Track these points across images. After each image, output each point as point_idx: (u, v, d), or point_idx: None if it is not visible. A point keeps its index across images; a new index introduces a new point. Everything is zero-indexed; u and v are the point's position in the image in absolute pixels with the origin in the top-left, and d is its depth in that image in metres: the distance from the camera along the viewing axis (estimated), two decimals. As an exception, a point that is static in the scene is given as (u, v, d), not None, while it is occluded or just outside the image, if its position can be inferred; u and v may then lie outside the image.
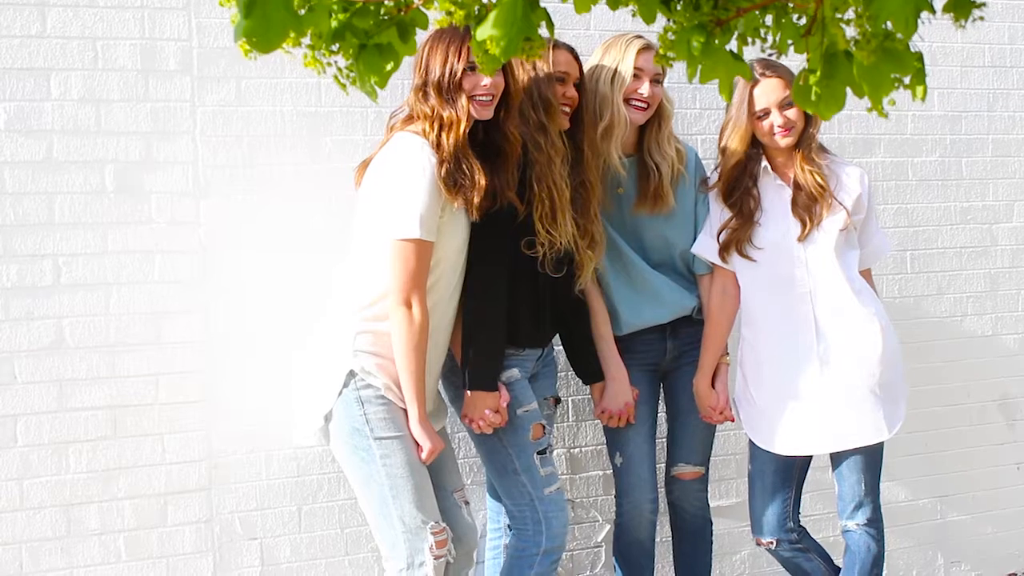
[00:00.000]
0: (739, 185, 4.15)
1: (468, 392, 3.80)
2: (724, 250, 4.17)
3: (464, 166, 3.59)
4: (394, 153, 3.65)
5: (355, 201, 3.79)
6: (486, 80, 3.60)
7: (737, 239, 4.15)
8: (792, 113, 4.06)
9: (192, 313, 4.10)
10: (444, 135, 3.60)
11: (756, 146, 4.15)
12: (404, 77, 4.22)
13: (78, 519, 4.01)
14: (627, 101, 4.08)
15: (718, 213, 4.20)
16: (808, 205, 4.10)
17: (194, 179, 4.10)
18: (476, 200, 3.60)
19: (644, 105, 4.10)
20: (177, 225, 4.08)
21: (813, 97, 2.05)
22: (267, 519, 4.23)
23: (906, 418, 4.27)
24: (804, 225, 4.10)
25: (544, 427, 3.96)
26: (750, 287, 4.21)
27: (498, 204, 3.69)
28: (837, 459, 4.21)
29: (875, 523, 4.21)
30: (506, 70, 3.69)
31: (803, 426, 4.15)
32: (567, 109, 3.96)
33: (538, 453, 3.90)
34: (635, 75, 4.07)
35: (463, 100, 3.61)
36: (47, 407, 3.96)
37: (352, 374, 3.62)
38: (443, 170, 3.57)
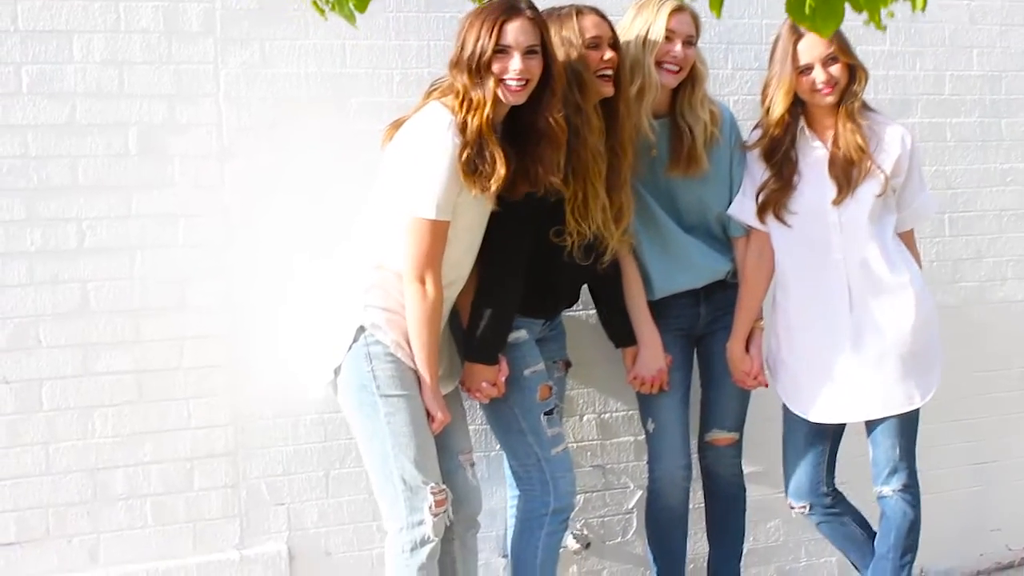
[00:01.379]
0: (780, 145, 4.07)
1: (467, 362, 3.81)
2: (762, 211, 4.09)
3: (486, 152, 3.53)
4: (423, 124, 3.61)
5: (380, 162, 3.74)
6: (516, 64, 3.54)
7: (775, 201, 4.07)
8: (836, 69, 3.97)
9: (217, 277, 4.08)
10: (470, 117, 3.54)
11: (797, 105, 4.06)
12: (429, 39, 4.23)
13: (104, 483, 4.00)
14: (659, 64, 4.00)
15: (758, 173, 4.12)
16: (846, 168, 4.01)
17: (218, 142, 4.07)
18: (493, 188, 3.55)
19: (676, 68, 4.03)
20: (201, 188, 4.05)
21: (807, 11, 1.96)
22: (294, 484, 4.21)
23: (944, 384, 4.20)
24: (840, 189, 4.01)
25: (551, 388, 3.94)
26: (784, 251, 4.14)
27: (540, 190, 3.65)
28: (871, 425, 4.15)
29: (911, 489, 4.15)
30: (545, 53, 3.61)
31: (834, 393, 4.10)
32: (608, 73, 3.88)
33: (545, 414, 3.89)
34: (667, 37, 3.99)
35: (491, 82, 3.54)
36: (72, 371, 3.94)
37: (362, 329, 3.61)
38: (464, 155, 3.52)
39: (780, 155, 4.07)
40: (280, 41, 4.13)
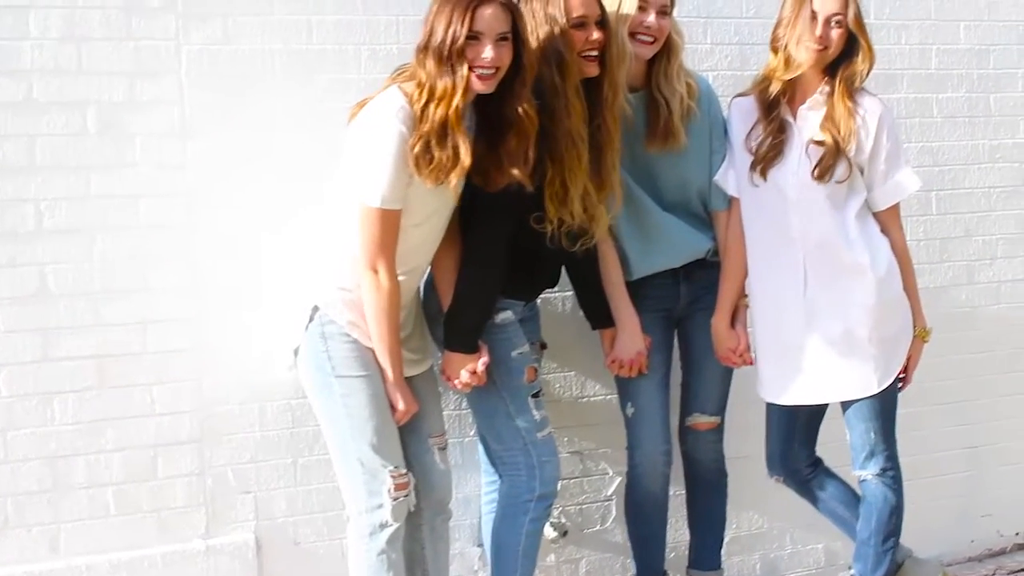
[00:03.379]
0: (782, 98, 3.97)
1: (447, 351, 3.74)
2: (754, 166, 3.98)
3: (449, 142, 3.43)
4: (375, 109, 3.52)
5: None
6: (488, 52, 3.43)
7: (772, 158, 3.96)
8: (836, 34, 3.86)
9: (180, 259, 3.99)
10: (432, 106, 3.42)
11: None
12: (398, 14, 4.13)
13: (64, 472, 3.91)
14: (633, 35, 3.91)
15: (747, 125, 4.01)
16: (830, 152, 3.89)
17: (180, 120, 3.97)
18: (454, 181, 3.46)
19: (650, 39, 3.93)
20: (163, 168, 3.96)
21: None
22: (261, 472, 4.13)
23: (933, 366, 4.19)
24: (813, 169, 3.90)
25: (536, 370, 3.86)
26: (748, 225, 4.06)
27: (509, 182, 3.56)
28: (844, 408, 4.08)
29: (889, 472, 4.08)
30: (517, 41, 3.50)
31: (786, 375, 4.06)
32: (593, 54, 3.77)
33: (532, 396, 3.81)
34: (640, 7, 3.89)
35: (464, 70, 3.42)
36: (31, 357, 3.86)
37: (316, 308, 3.55)
38: (418, 145, 3.42)
39: (778, 111, 3.97)
40: (244, 17, 4.03)
